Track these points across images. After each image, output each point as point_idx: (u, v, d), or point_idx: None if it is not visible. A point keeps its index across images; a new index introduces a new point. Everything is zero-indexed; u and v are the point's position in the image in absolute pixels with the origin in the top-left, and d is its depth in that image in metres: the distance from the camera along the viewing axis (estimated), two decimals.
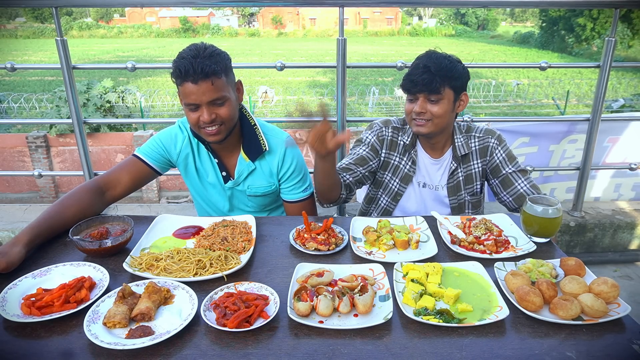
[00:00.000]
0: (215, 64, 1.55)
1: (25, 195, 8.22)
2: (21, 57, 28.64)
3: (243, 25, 63.61)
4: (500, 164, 1.90)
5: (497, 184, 1.93)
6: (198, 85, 1.54)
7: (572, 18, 28.58)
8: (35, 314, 1.11)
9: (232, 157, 1.82)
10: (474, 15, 56.29)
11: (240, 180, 1.83)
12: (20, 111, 12.44)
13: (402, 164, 1.96)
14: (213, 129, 1.62)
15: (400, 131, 1.97)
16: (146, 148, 1.79)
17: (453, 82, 1.75)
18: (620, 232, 2.99)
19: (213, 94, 1.57)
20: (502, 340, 1.06)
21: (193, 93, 1.55)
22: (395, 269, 1.30)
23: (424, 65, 1.73)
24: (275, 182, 1.86)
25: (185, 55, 1.56)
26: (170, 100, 13.76)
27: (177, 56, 1.59)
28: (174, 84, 1.63)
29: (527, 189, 1.86)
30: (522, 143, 3.30)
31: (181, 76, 1.55)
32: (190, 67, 1.52)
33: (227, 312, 1.10)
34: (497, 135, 1.93)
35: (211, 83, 1.55)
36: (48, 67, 3.36)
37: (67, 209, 1.56)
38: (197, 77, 1.53)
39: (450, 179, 1.93)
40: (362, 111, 14.25)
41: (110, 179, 1.72)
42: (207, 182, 1.85)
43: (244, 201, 1.90)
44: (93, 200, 1.64)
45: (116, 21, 64.04)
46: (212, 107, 1.59)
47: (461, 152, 1.90)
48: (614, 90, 15.17)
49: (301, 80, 19.85)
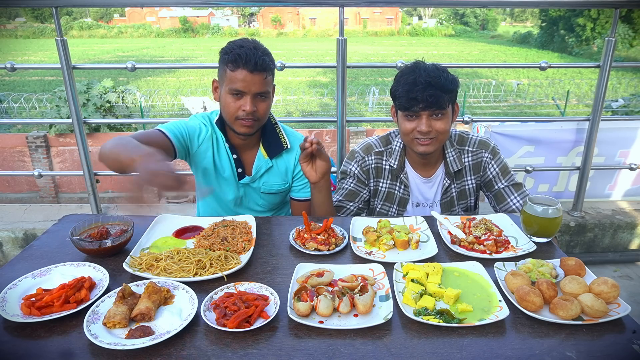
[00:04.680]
0: (271, 61, 1.68)
1: (25, 195, 8.21)
2: (21, 57, 28.63)
3: (243, 25, 63.59)
4: (494, 179, 1.87)
5: (491, 197, 1.91)
6: (253, 75, 1.62)
7: (572, 18, 28.60)
8: (35, 314, 1.11)
9: (251, 153, 1.85)
10: (474, 15, 56.29)
11: (257, 176, 1.84)
12: (20, 111, 12.42)
13: (395, 188, 1.89)
14: (248, 122, 1.67)
15: (384, 155, 1.88)
16: (171, 126, 1.75)
17: (453, 94, 1.70)
18: (620, 232, 2.99)
19: (262, 87, 1.65)
20: (502, 340, 1.06)
21: (245, 81, 1.62)
22: (395, 269, 1.30)
23: (425, 80, 1.62)
24: (289, 180, 1.89)
25: (245, 45, 1.63)
26: (170, 100, 13.76)
27: (233, 45, 1.65)
28: (222, 68, 1.66)
29: (520, 205, 1.83)
30: (527, 152, 3.21)
31: (240, 63, 1.60)
32: (252, 56, 1.60)
33: (227, 312, 1.10)
34: (491, 149, 1.86)
35: (264, 77, 1.65)
36: (48, 67, 3.36)
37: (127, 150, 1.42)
38: (255, 68, 1.61)
39: (444, 196, 1.88)
40: (362, 111, 14.25)
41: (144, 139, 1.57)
42: (222, 178, 1.85)
43: (255, 199, 1.91)
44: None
45: (116, 21, 64.04)
46: (255, 100, 1.66)
47: (454, 168, 1.84)
48: (614, 90, 15.15)
49: (301, 80, 19.85)
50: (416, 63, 1.73)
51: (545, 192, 3.42)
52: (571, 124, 3.21)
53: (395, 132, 1.91)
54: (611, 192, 3.37)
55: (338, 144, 2.65)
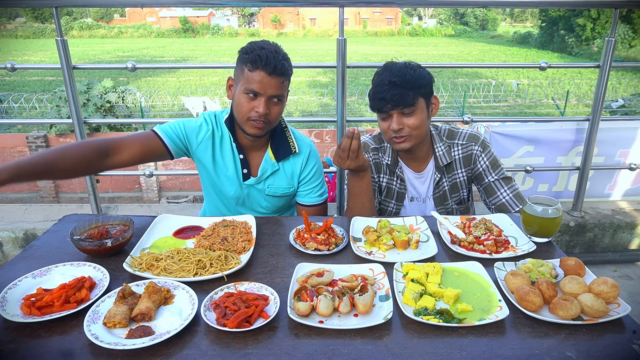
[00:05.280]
0: (290, 67, 1.68)
1: (25, 195, 8.22)
2: (21, 57, 28.64)
3: (243, 26, 63.64)
4: (484, 172, 1.88)
5: (482, 190, 1.93)
6: (271, 78, 1.62)
7: (572, 18, 28.61)
8: (35, 314, 1.11)
9: (258, 155, 1.84)
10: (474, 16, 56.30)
11: (262, 178, 1.83)
12: (20, 111, 12.42)
13: (393, 183, 1.94)
14: (260, 123, 1.68)
15: (379, 151, 1.95)
16: (167, 127, 1.76)
17: (422, 89, 1.72)
18: (620, 232, 2.99)
19: (278, 90, 1.65)
20: (502, 340, 1.06)
21: (262, 82, 1.62)
22: (395, 269, 1.30)
23: (389, 81, 1.68)
24: (295, 184, 1.88)
25: (266, 47, 1.64)
26: (170, 100, 13.76)
27: (254, 45, 1.65)
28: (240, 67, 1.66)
29: (510, 198, 1.85)
30: (526, 152, 3.22)
31: (260, 64, 1.60)
32: (272, 59, 1.60)
33: (227, 312, 1.10)
34: (480, 142, 1.88)
35: (281, 81, 1.65)
36: (48, 67, 3.35)
37: (65, 160, 1.52)
38: (274, 71, 1.61)
39: (436, 190, 1.91)
40: (362, 111, 14.24)
41: (120, 143, 1.66)
42: (224, 176, 1.84)
43: (259, 201, 1.89)
44: (94, 159, 1.59)
45: (116, 21, 64.09)
46: (269, 102, 1.66)
47: (443, 162, 1.87)
48: (614, 90, 15.16)
49: (301, 80, 19.85)
50: (386, 64, 1.78)
51: (545, 192, 3.42)
52: (571, 124, 3.21)
53: None
54: (611, 192, 3.36)
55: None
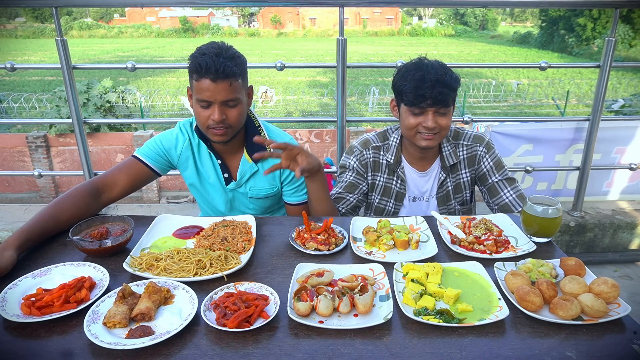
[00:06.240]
0: (236, 66, 1.57)
1: (25, 195, 8.21)
2: (21, 57, 28.62)
3: (243, 25, 63.64)
4: (487, 173, 1.90)
5: (485, 191, 1.94)
6: (216, 84, 1.55)
7: (572, 18, 28.60)
8: (35, 314, 1.11)
9: (235, 158, 1.81)
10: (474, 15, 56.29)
11: (242, 181, 1.82)
12: (20, 111, 12.42)
13: (392, 183, 1.93)
14: (220, 130, 1.63)
15: (381, 150, 1.92)
16: (145, 149, 1.79)
17: (456, 92, 1.75)
18: (620, 232, 2.99)
19: (228, 95, 1.58)
20: (502, 340, 1.06)
21: (209, 90, 1.56)
22: (395, 269, 1.30)
23: (433, 78, 1.65)
24: (278, 184, 1.85)
25: (207, 52, 1.56)
26: (170, 100, 13.76)
27: (197, 51, 1.59)
28: (190, 77, 1.61)
29: (513, 199, 1.86)
30: (525, 151, 3.23)
31: (201, 72, 1.54)
32: (212, 65, 1.52)
33: (227, 312, 1.10)
34: (485, 143, 1.90)
35: (229, 84, 1.57)
36: (48, 67, 3.36)
37: (62, 212, 1.54)
38: (217, 76, 1.54)
39: (440, 189, 1.92)
40: (362, 111, 14.24)
41: (108, 180, 1.70)
42: (208, 183, 1.85)
43: (245, 203, 1.89)
44: (89, 202, 1.62)
45: (116, 21, 64.08)
46: (224, 108, 1.60)
47: (449, 162, 1.88)
48: (614, 90, 15.15)
49: (301, 80, 19.84)
50: (420, 59, 1.76)
51: (544, 190, 3.42)
52: (570, 123, 3.22)
53: (393, 129, 1.96)
54: (609, 189, 3.37)
55: (338, 144, 2.65)
